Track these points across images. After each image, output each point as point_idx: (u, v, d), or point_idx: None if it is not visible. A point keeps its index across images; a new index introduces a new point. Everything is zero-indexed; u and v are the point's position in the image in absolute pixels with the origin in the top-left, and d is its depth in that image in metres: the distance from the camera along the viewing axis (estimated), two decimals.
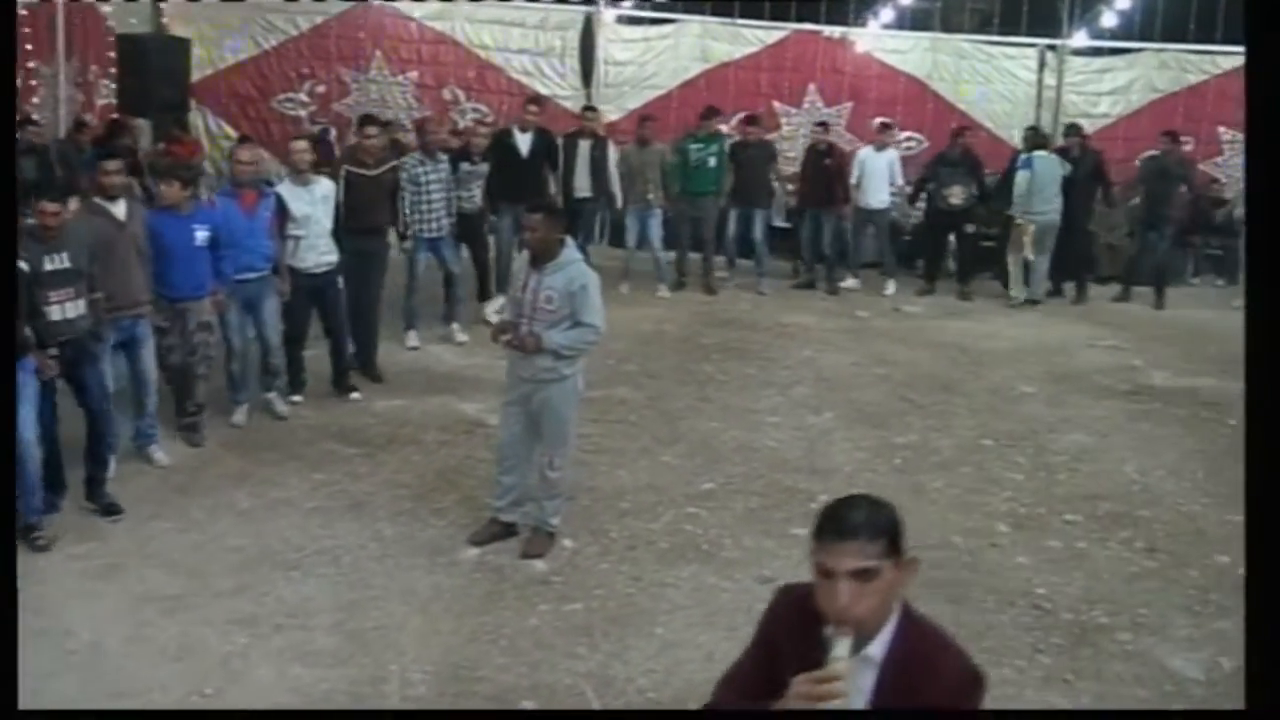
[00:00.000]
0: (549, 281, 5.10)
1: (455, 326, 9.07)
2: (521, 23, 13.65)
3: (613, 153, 11.00)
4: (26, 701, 3.34)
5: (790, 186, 12.61)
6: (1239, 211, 12.96)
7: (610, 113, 13.54)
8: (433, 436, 6.92)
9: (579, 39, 13.64)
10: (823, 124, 12.17)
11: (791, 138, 13.64)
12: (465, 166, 9.12)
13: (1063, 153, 11.53)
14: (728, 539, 5.61)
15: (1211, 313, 11.28)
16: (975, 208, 11.76)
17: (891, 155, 11.73)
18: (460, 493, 6.05)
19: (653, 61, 13.71)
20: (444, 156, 8.82)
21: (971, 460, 6.86)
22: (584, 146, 10.74)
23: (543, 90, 13.63)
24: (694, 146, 11.16)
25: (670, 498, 6.09)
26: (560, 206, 8.69)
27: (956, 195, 11.47)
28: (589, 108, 11.79)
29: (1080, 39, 13.79)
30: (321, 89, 13.56)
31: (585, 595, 5.02)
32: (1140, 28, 13.61)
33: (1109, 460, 6.93)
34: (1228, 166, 13.50)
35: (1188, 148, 12.90)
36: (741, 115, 12.47)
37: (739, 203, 11.57)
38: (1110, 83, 13.62)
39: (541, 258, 5.13)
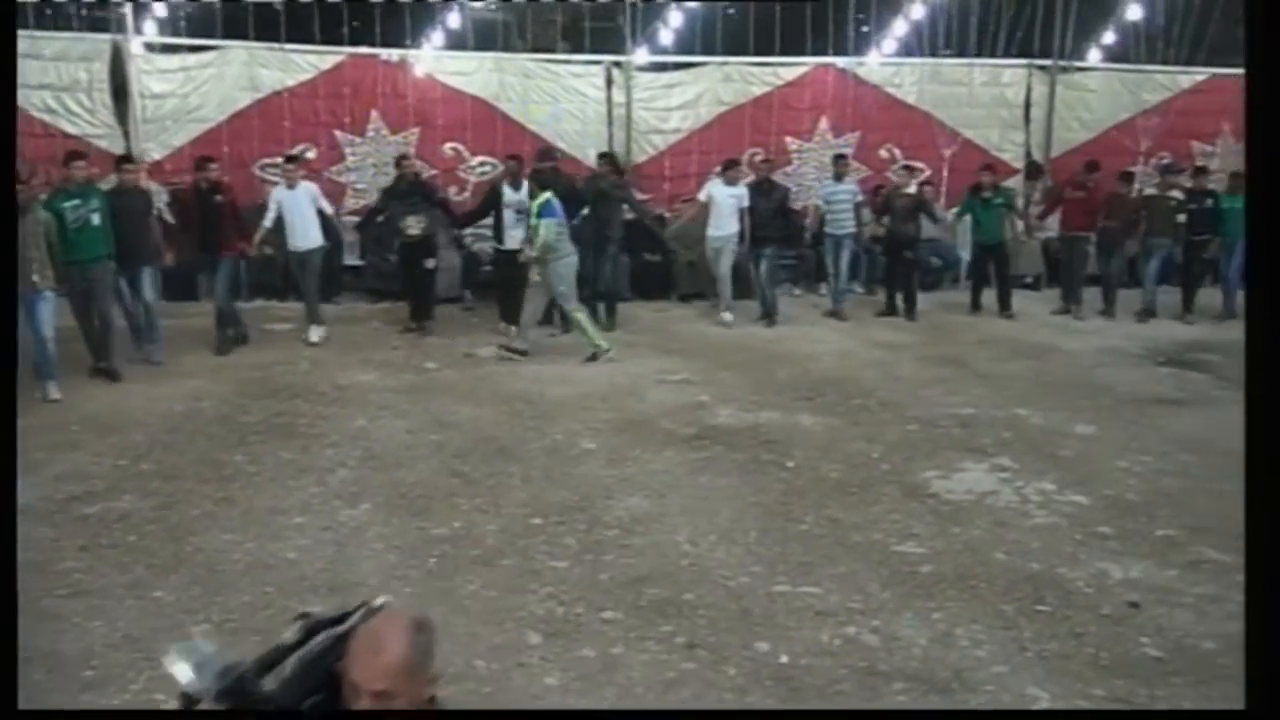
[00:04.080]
0: None
1: None
2: (37, 54, 12.05)
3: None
4: None
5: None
6: (809, 221, 13.33)
7: (153, 151, 12.32)
8: None
9: (108, 71, 12.23)
10: (207, 159, 10.63)
11: (359, 168, 12.91)
12: None
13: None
14: None
15: (787, 329, 11.43)
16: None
17: (309, 188, 10.89)
18: None
19: (196, 93, 12.47)
20: None
21: (516, 547, 6.30)
22: None
23: (71, 129, 12.20)
24: (69, 205, 9.12)
25: (147, 654, 5.10)
26: None
27: (413, 226, 11.12)
28: None
29: (643, 55, 13.72)
30: None
31: None
32: (702, 42, 13.67)
33: (661, 529, 6.54)
34: (797, 176, 13.84)
35: (758, 158, 13.05)
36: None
37: (121, 263, 9.67)
38: (679, 97, 13.61)
39: None
